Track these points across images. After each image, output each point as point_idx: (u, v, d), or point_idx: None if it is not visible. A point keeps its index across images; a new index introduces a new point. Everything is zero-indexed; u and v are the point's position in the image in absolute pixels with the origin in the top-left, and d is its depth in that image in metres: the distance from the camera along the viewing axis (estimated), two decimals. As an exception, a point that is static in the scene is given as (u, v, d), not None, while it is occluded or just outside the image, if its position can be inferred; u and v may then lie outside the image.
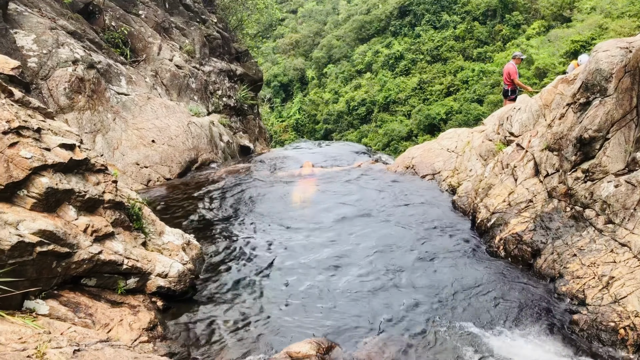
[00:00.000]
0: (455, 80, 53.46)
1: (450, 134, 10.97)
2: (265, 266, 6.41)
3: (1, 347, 3.37)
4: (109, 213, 5.21)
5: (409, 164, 10.41)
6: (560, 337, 4.81)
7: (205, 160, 11.73)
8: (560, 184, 6.45)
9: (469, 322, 5.03)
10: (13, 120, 4.53)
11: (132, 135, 10.44)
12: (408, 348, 4.56)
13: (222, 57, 16.84)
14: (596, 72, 6.06)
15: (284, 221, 7.93)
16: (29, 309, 4.19)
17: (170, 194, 9.18)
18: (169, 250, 5.77)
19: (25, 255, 4.10)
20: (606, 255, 5.38)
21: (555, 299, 5.41)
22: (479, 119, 27.08)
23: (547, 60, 43.08)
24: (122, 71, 11.68)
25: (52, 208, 4.61)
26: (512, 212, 6.90)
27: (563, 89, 7.66)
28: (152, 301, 5.17)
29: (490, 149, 8.80)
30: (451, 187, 9.07)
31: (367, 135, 52.55)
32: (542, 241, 6.21)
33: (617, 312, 4.79)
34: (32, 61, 9.25)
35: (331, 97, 61.71)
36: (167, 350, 4.53)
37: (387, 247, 6.92)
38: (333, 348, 4.42)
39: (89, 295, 4.75)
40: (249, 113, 17.33)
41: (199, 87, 14.09)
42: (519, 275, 6.02)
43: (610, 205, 5.64)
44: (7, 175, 4.28)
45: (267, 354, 4.44)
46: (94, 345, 3.93)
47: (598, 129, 5.91)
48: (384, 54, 61.29)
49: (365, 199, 8.91)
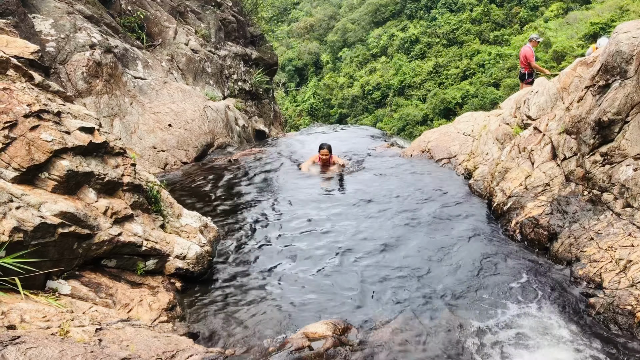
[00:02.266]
0: (472, 64, 52.84)
1: (467, 117, 10.90)
2: (281, 248, 6.47)
3: (26, 324, 3.47)
4: (128, 196, 5.28)
5: (424, 148, 10.38)
6: (576, 320, 4.81)
7: (221, 144, 11.79)
8: (578, 168, 6.40)
9: (485, 305, 5.05)
10: (34, 103, 4.60)
11: (149, 119, 10.52)
12: (423, 330, 4.59)
13: (237, 41, 16.83)
14: (616, 54, 5.97)
15: (301, 204, 7.98)
16: (52, 289, 4.28)
17: (187, 177, 9.26)
18: (187, 232, 5.84)
19: (47, 236, 4.19)
20: (624, 239, 5.35)
21: (571, 283, 5.40)
22: (495, 103, 26.84)
23: (565, 43, 42.36)
24: (139, 55, 11.74)
25: (72, 190, 4.69)
26: (528, 195, 6.87)
27: (582, 71, 7.57)
28: (171, 282, 5.25)
29: (507, 133, 8.74)
30: (467, 171, 9.04)
31: (382, 120, 52.27)
32: (558, 225, 6.18)
33: (635, 295, 4.77)
34: (50, 45, 9.33)
35: (346, 82, 61.35)
36: (186, 330, 4.61)
37: (402, 231, 6.94)
38: (349, 329, 4.46)
39: (109, 276, 4.84)
40: (264, 97, 17.34)
41: (214, 72, 14.12)
42: (535, 258, 6.01)
43: (629, 188, 5.59)
44: (28, 158, 4.36)
45: (284, 334, 4.51)
46: (115, 324, 4.01)
47: (617, 112, 5.84)
48: (400, 37, 60.70)
49: (381, 183, 8.92)
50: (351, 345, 4.12)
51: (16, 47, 5.51)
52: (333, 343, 3.96)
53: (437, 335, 4.52)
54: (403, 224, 7.11)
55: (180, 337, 4.32)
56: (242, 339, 4.56)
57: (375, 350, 4.15)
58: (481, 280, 5.53)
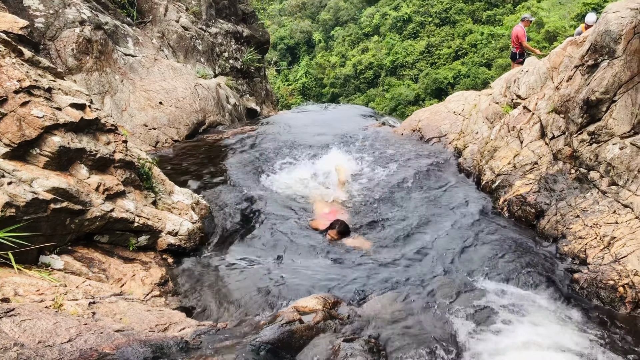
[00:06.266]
0: (464, 44, 52.65)
1: (457, 97, 10.93)
2: (272, 225, 6.53)
3: (20, 298, 3.52)
4: (120, 172, 5.31)
5: (415, 127, 10.42)
6: (560, 294, 4.93)
7: (212, 123, 11.76)
8: (566, 146, 6.49)
9: (472, 278, 5.16)
10: (24, 79, 4.59)
11: (139, 96, 10.47)
12: (412, 303, 4.69)
13: (229, 18, 16.68)
14: (605, 34, 6.02)
15: (292, 181, 8.02)
16: (45, 264, 4.33)
17: (178, 155, 9.27)
18: (179, 209, 5.89)
19: (40, 211, 4.22)
20: (609, 216, 5.46)
21: (557, 259, 5.51)
22: (487, 83, 26.81)
23: (558, 24, 42.29)
24: (129, 32, 11.63)
25: (64, 167, 4.71)
26: (516, 174, 6.96)
27: (572, 51, 7.61)
28: (163, 258, 5.31)
29: (496, 112, 8.80)
30: (457, 149, 9.10)
31: (374, 100, 52.13)
32: (545, 202, 6.28)
33: (617, 270, 4.89)
34: (39, 21, 9.23)
35: (338, 61, 61.00)
36: (178, 304, 4.69)
37: (390, 207, 7.02)
38: (339, 303, 4.55)
39: (102, 251, 4.89)
40: (256, 76, 17.25)
41: (205, 49, 14.02)
42: (522, 235, 6.12)
43: (615, 167, 5.69)
44: (19, 134, 4.37)
45: (275, 309, 4.59)
46: (108, 298, 4.08)
47: (605, 91, 5.91)
48: (392, 16, 60.28)
49: (370, 160, 8.97)
50: (341, 319, 4.20)
51: (5, 22, 5.48)
52: (323, 317, 4.05)
53: (424, 309, 4.62)
54: (390, 203, 7.19)
55: (172, 310, 4.39)
56: (234, 312, 4.64)
57: (364, 323, 4.25)
58: (468, 256, 5.63)
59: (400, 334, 4.19)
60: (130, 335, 3.32)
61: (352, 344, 3.68)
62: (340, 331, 3.96)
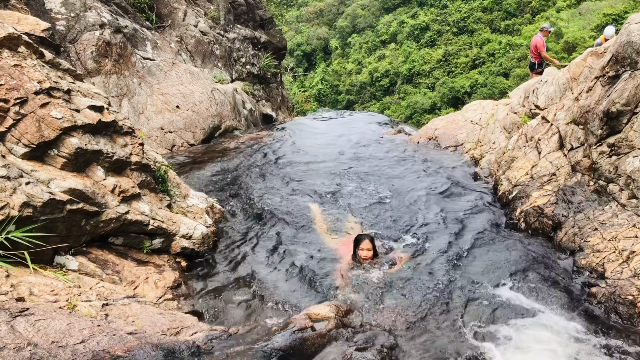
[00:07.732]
0: (481, 53, 52.44)
1: (475, 106, 10.87)
2: (286, 231, 6.51)
3: (35, 297, 3.53)
4: (136, 175, 5.33)
5: (431, 135, 10.37)
6: (577, 308, 4.85)
7: (228, 127, 11.81)
8: (585, 158, 6.40)
9: (487, 290, 5.09)
10: (44, 81, 4.63)
11: (157, 100, 10.55)
12: (425, 313, 4.63)
13: (247, 24, 16.77)
14: (627, 45, 5.93)
15: (308, 188, 8.00)
16: (60, 264, 4.35)
17: (194, 158, 9.31)
18: (193, 212, 5.89)
19: (56, 212, 4.24)
20: (628, 229, 5.36)
21: (574, 272, 5.42)
22: (504, 92, 26.67)
23: (577, 34, 41.96)
24: (148, 36, 11.74)
25: (81, 168, 4.74)
26: (534, 185, 6.88)
27: (592, 61, 7.52)
28: (177, 261, 5.31)
29: (514, 122, 8.72)
30: (473, 159, 9.03)
31: (389, 107, 52.06)
32: (563, 214, 6.19)
33: (637, 286, 4.79)
34: (60, 24, 9.35)
35: (354, 68, 61.05)
36: (190, 308, 4.67)
37: (407, 217, 6.97)
38: (351, 311, 4.51)
39: (116, 253, 4.90)
40: (272, 81, 17.31)
41: (223, 54, 14.10)
42: (539, 247, 6.03)
43: (635, 180, 5.59)
44: (38, 134, 4.40)
45: (287, 315, 4.56)
46: (121, 300, 4.08)
47: (626, 103, 5.82)
48: (410, 24, 60.26)
49: (387, 167, 8.93)
50: (353, 327, 4.17)
51: (27, 24, 5.54)
52: (335, 324, 4.01)
53: (439, 320, 4.56)
54: (406, 213, 7.13)
55: (185, 314, 4.38)
56: (246, 317, 4.62)
57: (377, 332, 4.20)
58: (484, 268, 5.56)
59: (413, 346, 4.14)
60: (142, 338, 3.31)
61: (364, 353, 3.64)
62: (352, 340, 3.91)
